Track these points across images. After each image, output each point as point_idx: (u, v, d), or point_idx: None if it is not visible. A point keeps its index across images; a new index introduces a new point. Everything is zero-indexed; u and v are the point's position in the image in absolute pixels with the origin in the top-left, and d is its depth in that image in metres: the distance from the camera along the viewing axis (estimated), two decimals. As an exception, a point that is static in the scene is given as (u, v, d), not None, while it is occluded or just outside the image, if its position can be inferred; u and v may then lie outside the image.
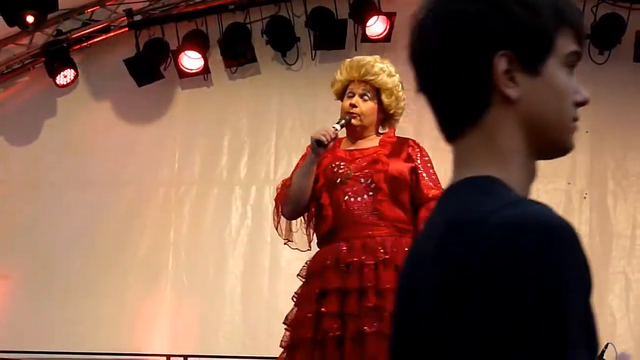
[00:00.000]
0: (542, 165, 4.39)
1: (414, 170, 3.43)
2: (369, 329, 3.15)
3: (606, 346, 5.38)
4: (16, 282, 6.71)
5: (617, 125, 6.54)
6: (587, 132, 6.41)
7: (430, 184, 3.42)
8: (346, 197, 3.36)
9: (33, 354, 6.07)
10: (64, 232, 6.74)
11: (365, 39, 6.34)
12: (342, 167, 3.43)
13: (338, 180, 3.40)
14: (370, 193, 3.36)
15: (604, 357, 5.41)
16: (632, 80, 6.48)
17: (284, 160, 6.70)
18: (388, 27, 6.30)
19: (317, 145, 3.33)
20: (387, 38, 6.26)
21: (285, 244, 3.63)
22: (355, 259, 3.26)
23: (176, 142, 6.87)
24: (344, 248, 3.30)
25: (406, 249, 3.26)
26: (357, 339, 3.17)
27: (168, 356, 6.42)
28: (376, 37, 6.28)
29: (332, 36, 6.49)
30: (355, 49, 6.36)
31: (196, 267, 6.68)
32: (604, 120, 6.50)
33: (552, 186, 6.39)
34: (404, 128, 4.56)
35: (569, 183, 6.51)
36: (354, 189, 3.38)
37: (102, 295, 6.60)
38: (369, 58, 3.55)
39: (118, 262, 6.67)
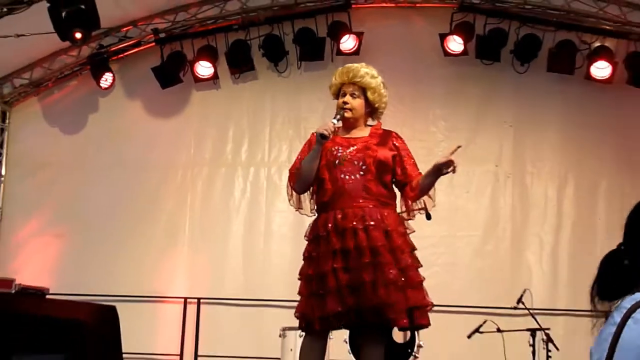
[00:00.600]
0: (475, 150, 6.74)
1: (395, 157, 3.69)
2: (366, 278, 3.47)
3: (524, 291, 5.90)
4: (68, 240, 7.30)
5: (534, 120, 7.05)
6: (510, 125, 7.12)
7: (413, 168, 3.72)
8: (342, 175, 3.60)
9: (81, 296, 6.41)
10: (104, 203, 7.30)
11: (340, 52, 6.98)
12: (340, 151, 3.66)
13: (337, 162, 3.63)
14: (362, 173, 3.60)
15: (522, 300, 5.88)
16: (545, 85, 7.02)
17: (276, 147, 7.29)
18: (357, 44, 6.98)
19: (322, 137, 3.56)
20: (356, 52, 6.94)
21: (296, 210, 3.86)
22: (350, 225, 3.54)
23: (192, 133, 7.35)
24: (339, 216, 3.57)
25: (385, 214, 3.60)
26: (359, 287, 3.48)
27: (185, 298, 7.03)
28: (348, 52, 6.95)
29: (313, 50, 7.06)
30: (332, 61, 7.00)
31: (207, 230, 7.17)
32: (524, 116, 7.12)
33: (483, 168, 6.98)
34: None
35: (497, 166, 7.05)
36: (349, 169, 3.61)
37: (133, 252, 7.16)
38: (356, 65, 3.80)
39: (146, 227, 7.22)
